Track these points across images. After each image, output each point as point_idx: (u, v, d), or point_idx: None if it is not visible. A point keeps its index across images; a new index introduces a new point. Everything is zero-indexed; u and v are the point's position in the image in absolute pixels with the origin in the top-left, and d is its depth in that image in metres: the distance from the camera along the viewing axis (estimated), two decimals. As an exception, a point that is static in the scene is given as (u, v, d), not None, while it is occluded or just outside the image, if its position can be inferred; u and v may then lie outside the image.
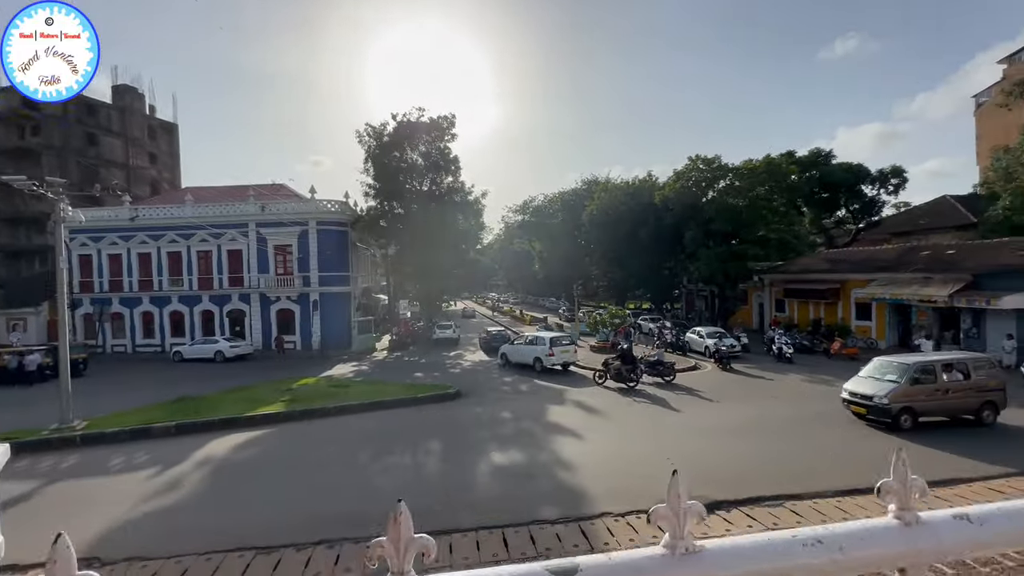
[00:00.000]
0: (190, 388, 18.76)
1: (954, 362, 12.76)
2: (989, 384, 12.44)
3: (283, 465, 11.04)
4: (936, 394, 12.13)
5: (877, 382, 12.53)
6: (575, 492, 9.16)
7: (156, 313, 32.99)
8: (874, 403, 12.05)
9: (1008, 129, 32.56)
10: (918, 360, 12.83)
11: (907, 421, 11.92)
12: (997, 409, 12.40)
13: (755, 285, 34.73)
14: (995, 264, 20.78)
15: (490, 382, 20.62)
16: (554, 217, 60.11)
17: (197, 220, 32.03)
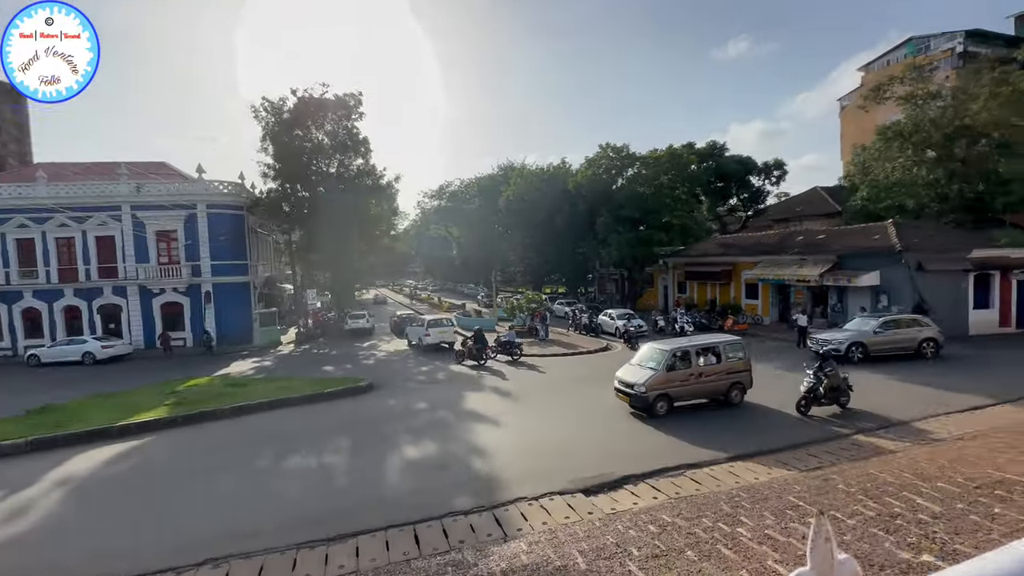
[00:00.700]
0: (50, 397, 16.15)
1: (710, 346, 13.02)
2: (737, 366, 12.79)
3: (162, 479, 9.81)
4: (691, 379, 12.34)
5: (640, 370, 12.46)
6: (490, 479, 9.08)
7: (3, 311, 28.02)
8: (634, 391, 12.06)
9: (866, 129, 37.27)
10: (676, 346, 12.77)
11: (663, 408, 11.98)
12: (744, 389, 12.91)
13: (660, 268, 36.98)
14: (855, 247, 23.76)
15: (405, 372, 20.02)
16: (471, 202, 59.67)
17: (53, 201, 27.48)
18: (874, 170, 29.20)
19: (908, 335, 17.60)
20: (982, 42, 38.98)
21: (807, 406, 11.56)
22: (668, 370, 12.11)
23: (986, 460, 6.87)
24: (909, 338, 17.53)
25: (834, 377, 11.64)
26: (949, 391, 12.97)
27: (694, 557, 4.45)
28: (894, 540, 3.98)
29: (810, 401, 11.56)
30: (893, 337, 17.54)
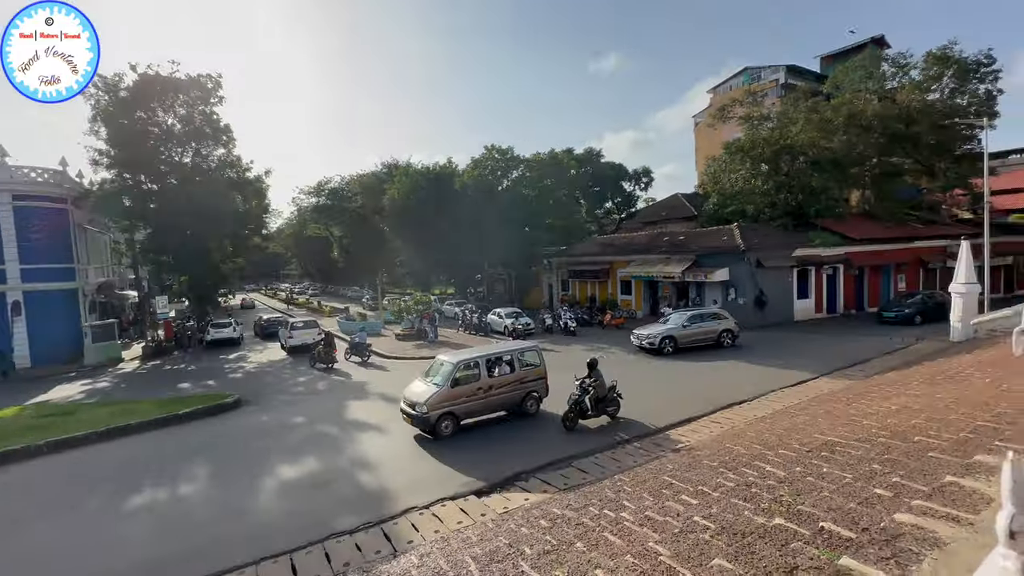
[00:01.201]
0: None
1: (501, 355, 12.11)
2: (532, 375, 12.04)
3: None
4: (479, 393, 11.27)
5: (425, 386, 11.27)
6: (378, 492, 8.59)
7: None
8: (415, 412, 10.77)
9: (715, 144, 42.51)
10: (463, 358, 11.59)
11: (447, 427, 10.80)
12: (540, 399, 12.20)
13: (545, 268, 38.50)
14: (709, 247, 26.94)
15: (280, 384, 18.28)
16: (353, 201, 56.64)
17: None
18: (722, 180, 33.38)
19: (711, 327, 19.87)
20: (798, 76, 46.72)
21: (574, 420, 10.91)
22: (454, 385, 10.90)
23: (812, 426, 8.11)
24: (711, 330, 19.79)
25: (600, 387, 11.05)
26: (785, 369, 15.23)
27: (583, 548, 4.56)
28: (751, 507, 4.45)
29: (577, 415, 10.94)
30: (698, 330, 19.67)
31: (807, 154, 29.56)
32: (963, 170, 30.58)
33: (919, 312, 22.24)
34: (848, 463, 5.27)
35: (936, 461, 4.67)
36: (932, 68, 29.78)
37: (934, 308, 22.03)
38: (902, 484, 4.24)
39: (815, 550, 3.41)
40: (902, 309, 22.83)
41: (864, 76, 32.49)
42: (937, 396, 8.19)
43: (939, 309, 21.55)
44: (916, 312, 22.29)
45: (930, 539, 3.16)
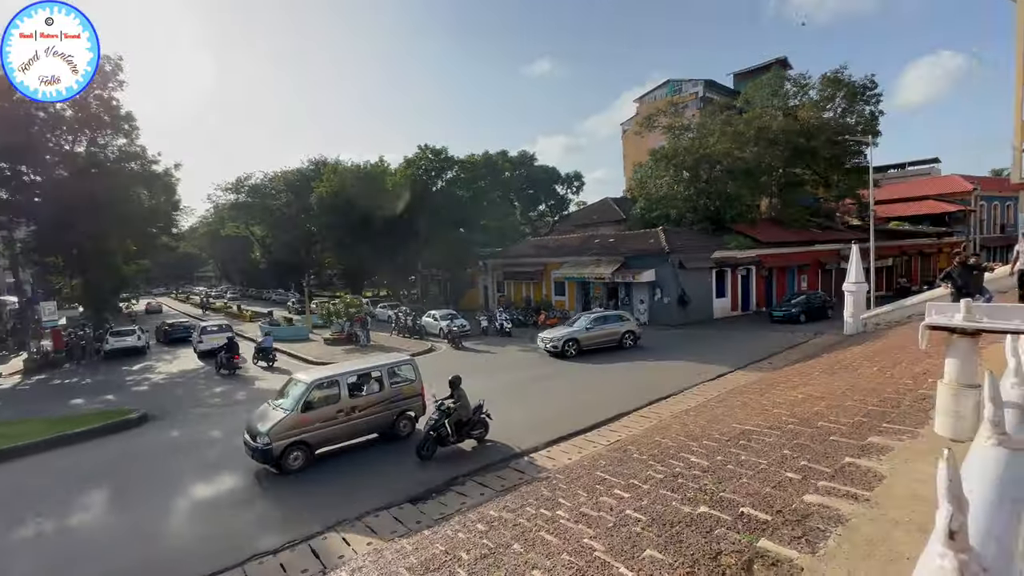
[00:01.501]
0: None
1: (367, 372, 10.80)
2: (405, 392, 10.89)
3: None
4: (340, 416, 9.86)
5: (271, 412, 9.69)
6: (305, 507, 8.12)
7: None
8: (257, 444, 9.11)
9: (641, 151, 44.59)
10: (319, 376, 10.17)
11: (297, 460, 9.28)
12: (415, 419, 10.97)
13: (480, 269, 38.49)
14: (636, 250, 28.19)
15: (194, 395, 16.84)
16: (277, 199, 53.54)
17: None
18: (648, 186, 35.10)
19: (613, 329, 19.94)
20: (715, 90, 50.12)
21: (431, 449, 9.48)
22: (305, 409, 9.44)
23: (731, 417, 8.70)
24: (614, 332, 19.86)
25: (463, 409, 9.86)
26: (704, 363, 16.23)
27: (521, 549, 4.57)
28: (679, 497, 4.68)
29: (435, 442, 9.52)
30: (601, 332, 19.63)
31: (723, 163, 31.79)
32: (852, 182, 34.38)
33: (803, 311, 24.08)
34: (763, 450, 5.69)
35: (836, 444, 5.15)
36: (826, 89, 33.21)
37: (816, 308, 24.45)
38: (809, 467, 4.63)
39: (736, 534, 3.63)
40: (788, 309, 24.48)
41: (770, 94, 35.56)
42: (835, 384, 9.07)
43: (820, 309, 24.51)
44: (800, 311, 24.06)
45: (834, 517, 3.47)
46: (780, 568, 3.03)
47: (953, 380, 0.87)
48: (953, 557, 0.46)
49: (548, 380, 15.97)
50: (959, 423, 0.85)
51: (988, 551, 0.50)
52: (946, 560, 0.50)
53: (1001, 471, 0.69)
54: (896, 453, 4.44)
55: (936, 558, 0.48)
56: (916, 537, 3.06)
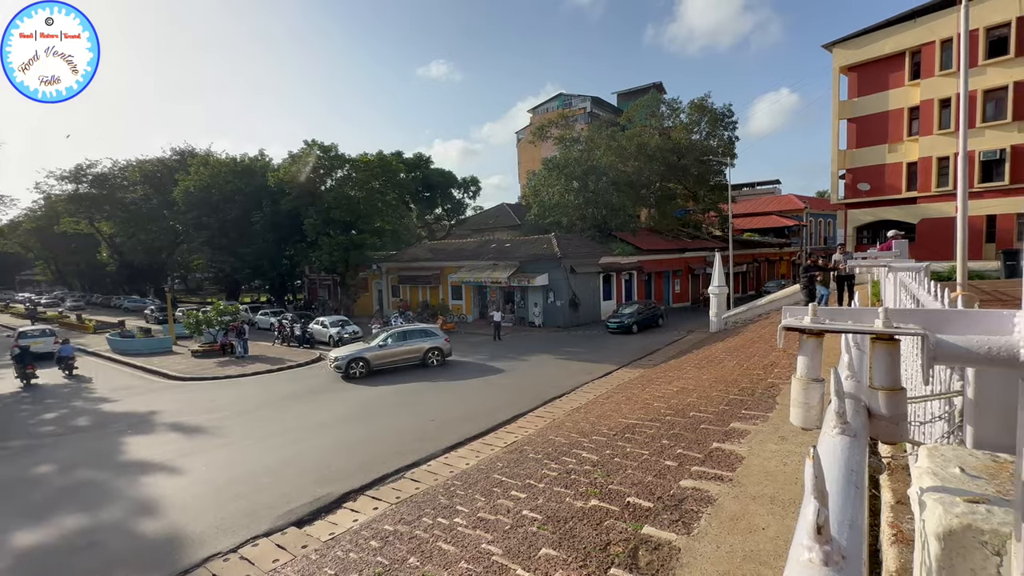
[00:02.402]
0: None
1: None
2: None
3: None
4: None
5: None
6: (167, 543, 7.11)
7: None
8: None
9: (535, 159, 46.31)
10: None
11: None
12: None
13: (374, 273, 37.01)
14: (531, 255, 29.14)
15: (16, 424, 13.92)
16: (132, 191, 46.56)
17: None
18: (541, 193, 36.50)
19: (414, 347, 18.20)
20: (600, 107, 53.80)
21: None
22: None
23: (616, 412, 9.32)
24: (415, 349, 18.20)
25: None
26: (593, 362, 17.20)
27: (417, 563, 4.42)
28: (572, 493, 4.87)
29: None
30: (399, 349, 17.96)
31: (609, 175, 34.16)
32: (715, 197, 39.00)
33: (636, 322, 23.98)
34: (645, 441, 6.16)
35: (706, 432, 5.74)
36: (694, 114, 37.34)
37: (648, 318, 24.86)
38: (684, 454, 5.10)
39: (624, 524, 3.86)
40: (621, 320, 24.23)
41: (648, 114, 39.07)
42: (703, 377, 10.16)
43: (652, 318, 25.15)
44: (633, 323, 23.91)
45: (705, 498, 3.85)
46: (661, 551, 3.27)
47: (803, 375, 1.02)
48: (819, 549, 0.51)
49: (452, 384, 15.78)
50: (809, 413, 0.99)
51: (843, 537, 0.56)
52: (813, 553, 0.55)
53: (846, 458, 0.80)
54: (752, 436, 5.07)
55: (804, 551, 0.53)
56: (768, 508, 3.51)
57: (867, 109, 25.60)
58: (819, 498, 0.53)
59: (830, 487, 0.59)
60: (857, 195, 26.21)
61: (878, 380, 1.16)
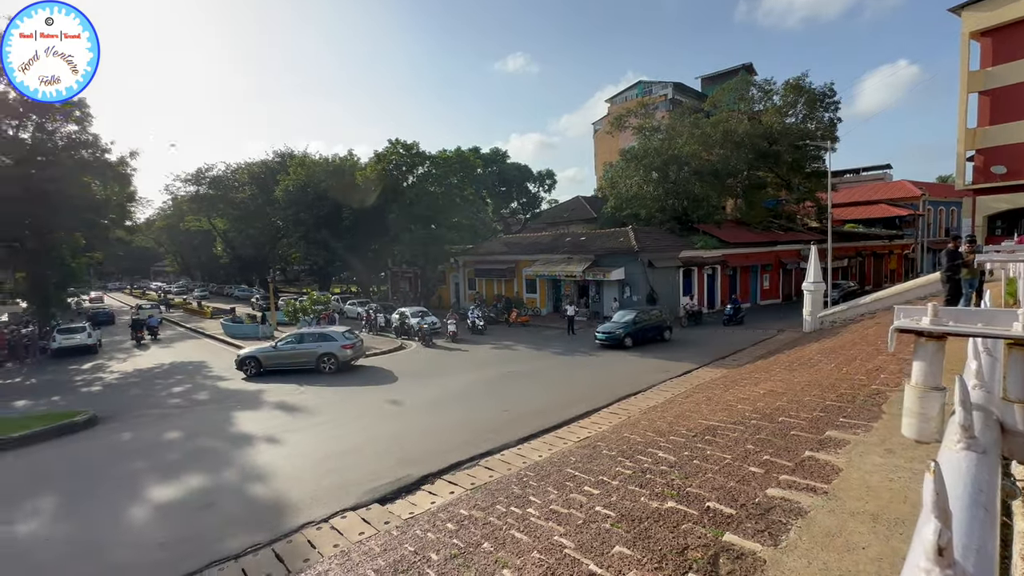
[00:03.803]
0: None
1: None
2: None
3: None
4: None
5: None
6: (269, 509, 7.89)
7: None
8: None
9: (612, 150, 45.23)
10: None
11: None
12: None
13: (452, 266, 38.24)
14: (607, 248, 28.57)
15: (151, 396, 16.12)
16: (241, 191, 51.69)
17: None
18: (618, 185, 35.58)
19: (309, 350, 17.81)
20: (683, 93, 51.25)
21: None
22: None
23: (696, 413, 8.91)
24: (310, 352, 17.78)
25: None
26: (672, 360, 16.57)
27: (491, 548, 4.55)
28: (647, 493, 4.75)
29: None
30: (290, 352, 17.84)
31: (691, 164, 32.52)
32: (812, 185, 35.74)
33: (629, 335, 19.84)
34: (727, 445, 5.84)
35: (797, 439, 5.33)
36: (789, 96, 34.37)
37: (649, 329, 20.60)
38: (771, 461, 4.78)
39: (703, 529, 3.70)
40: (612, 331, 20.19)
41: (737, 98, 36.57)
42: (795, 380, 9.41)
43: (655, 330, 20.75)
44: (626, 334, 19.82)
45: (795, 509, 3.58)
46: (744, 561, 3.10)
47: (920, 383, 0.89)
48: (940, 573, 0.45)
49: (525, 377, 16.00)
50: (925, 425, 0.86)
51: (969, 563, 0.49)
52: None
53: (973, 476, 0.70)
54: (852, 447, 4.62)
55: (922, 574, 0.47)
56: (870, 527, 3.19)
57: (1004, 80, 22.07)
58: (940, 517, 0.47)
59: (953, 506, 0.52)
60: (990, 179, 22.75)
61: (1014, 392, 1.01)
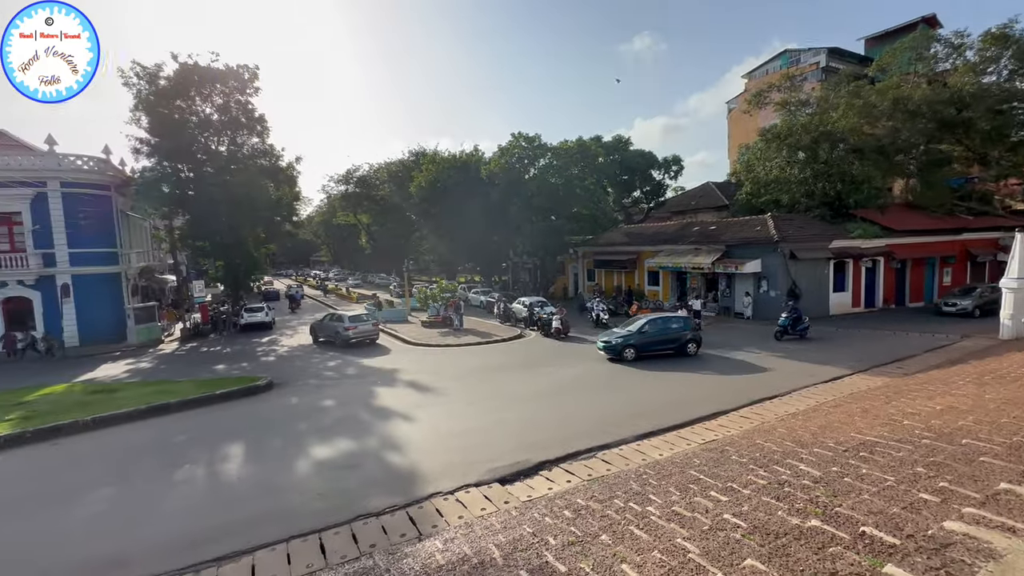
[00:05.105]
0: None
1: None
2: None
3: (3, 506, 8.21)
4: None
5: None
6: (404, 476, 8.72)
7: None
8: None
9: (749, 131, 41.13)
10: None
11: None
12: None
13: (571, 257, 38.19)
14: (741, 238, 26.18)
15: (310, 368, 18.73)
16: (381, 188, 57.24)
17: None
18: (756, 168, 32.29)
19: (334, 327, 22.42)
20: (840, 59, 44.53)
21: None
22: None
23: (848, 425, 7.82)
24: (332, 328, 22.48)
25: None
26: (818, 364, 14.73)
27: (609, 541, 4.51)
28: (785, 507, 4.31)
29: None
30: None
31: (848, 141, 28.26)
32: (1019, 159, 28.76)
33: (631, 346, 17.26)
34: (889, 465, 5.05)
35: (988, 466, 4.41)
36: (989, 49, 27.88)
37: (659, 343, 17.55)
38: (950, 490, 4.02)
39: (856, 555, 3.26)
40: (609, 340, 17.73)
41: (913, 58, 30.70)
42: (987, 397, 7.77)
43: (674, 344, 17.59)
44: (626, 346, 17.25)
45: (984, 550, 2.98)
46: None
47: None
48: None
49: (643, 372, 15.50)
50: None
51: None
52: None
53: None
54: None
55: None
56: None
57: None
58: None
59: None
60: None
61: None
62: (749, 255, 24.63)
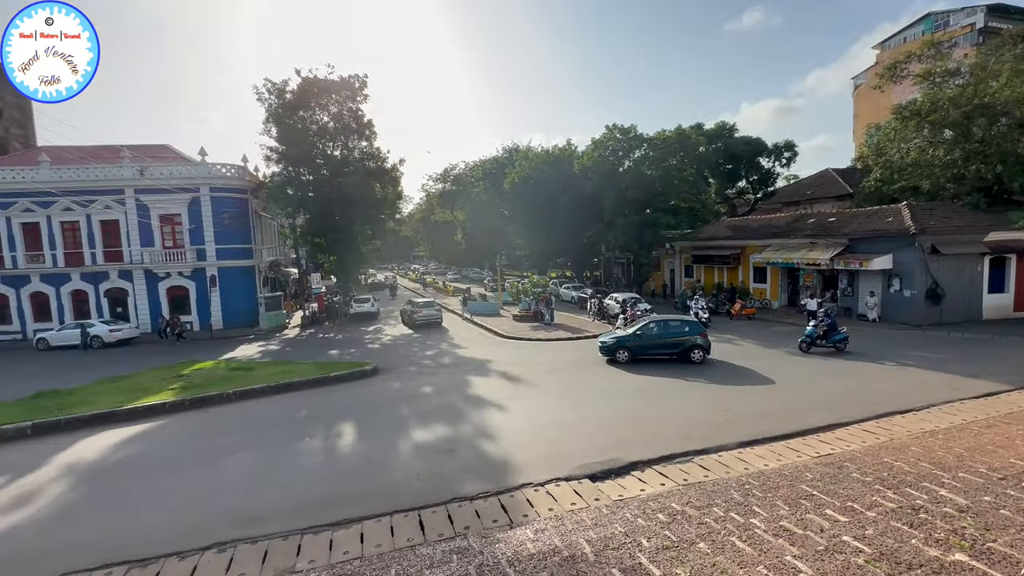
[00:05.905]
0: (57, 380, 16.24)
1: None
2: None
3: (170, 462, 9.80)
4: None
5: None
6: (496, 464, 8.99)
7: (12, 295, 28.18)
8: None
9: (880, 109, 36.36)
10: None
11: None
12: None
13: (667, 252, 36.56)
14: (867, 231, 23.27)
15: (410, 356, 19.97)
16: (475, 186, 59.08)
17: (56, 185, 27.37)
18: (888, 151, 28.48)
19: None
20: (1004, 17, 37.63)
21: None
22: None
23: (1006, 449, 6.67)
24: None
25: None
26: (966, 377, 12.72)
27: (707, 550, 4.30)
28: (920, 536, 3.80)
29: None
30: None
31: (1012, 115, 23.86)
32: None
33: (623, 348, 16.32)
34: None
35: None
36: None
37: (660, 347, 16.20)
38: None
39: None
40: (604, 341, 17.04)
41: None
42: None
43: (678, 349, 15.98)
44: (619, 347, 16.38)
45: None
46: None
47: None
48: None
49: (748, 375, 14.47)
50: None
51: None
52: None
53: None
54: None
55: None
56: None
57: None
58: None
59: None
60: None
61: None
62: (877, 250, 21.83)
